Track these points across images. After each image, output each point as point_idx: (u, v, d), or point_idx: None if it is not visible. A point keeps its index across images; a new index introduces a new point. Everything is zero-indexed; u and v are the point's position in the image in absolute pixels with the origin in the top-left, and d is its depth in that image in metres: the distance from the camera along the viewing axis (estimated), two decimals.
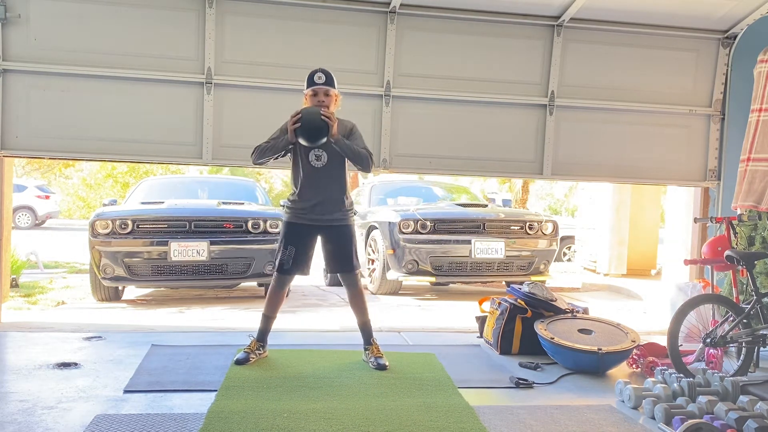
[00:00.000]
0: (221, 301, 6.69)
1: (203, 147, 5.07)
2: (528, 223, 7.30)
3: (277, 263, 3.94)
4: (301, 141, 3.75)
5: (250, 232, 6.36)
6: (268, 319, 3.99)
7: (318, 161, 3.84)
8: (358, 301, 3.98)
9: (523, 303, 4.47)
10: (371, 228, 7.50)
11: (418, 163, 5.44)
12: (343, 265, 3.96)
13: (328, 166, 3.86)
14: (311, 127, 3.70)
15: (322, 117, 3.70)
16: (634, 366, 4.12)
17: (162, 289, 7.14)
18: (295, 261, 3.88)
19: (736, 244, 4.55)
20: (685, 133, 5.74)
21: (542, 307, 4.45)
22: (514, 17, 5.35)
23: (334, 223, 3.91)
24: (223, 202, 6.93)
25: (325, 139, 3.73)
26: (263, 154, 3.88)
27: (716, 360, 3.97)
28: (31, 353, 4.05)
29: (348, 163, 3.94)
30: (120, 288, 6.53)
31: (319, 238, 3.98)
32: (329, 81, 3.90)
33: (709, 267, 4.57)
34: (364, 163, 3.87)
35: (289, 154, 3.93)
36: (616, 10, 5.32)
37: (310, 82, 3.90)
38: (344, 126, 3.90)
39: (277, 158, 3.93)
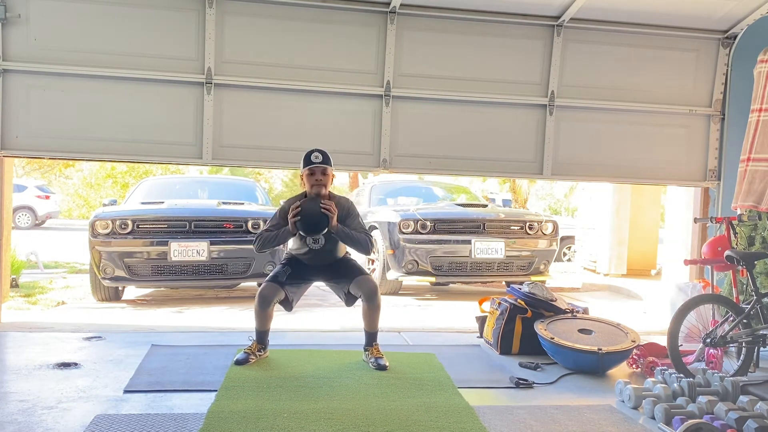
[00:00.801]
0: (221, 301, 6.69)
1: (203, 147, 5.07)
2: (528, 223, 7.31)
3: (272, 273, 4.03)
4: (302, 233, 3.86)
5: (250, 232, 6.36)
6: (262, 332, 3.99)
7: (316, 244, 3.95)
8: (373, 314, 3.98)
9: (523, 303, 4.47)
10: (371, 228, 7.50)
11: (418, 163, 5.44)
12: (350, 275, 3.98)
13: (326, 247, 3.97)
14: (311, 220, 3.81)
15: (322, 210, 3.77)
16: (634, 366, 4.12)
17: (162, 289, 7.14)
18: (289, 279, 3.96)
19: (736, 244, 4.54)
20: (685, 133, 5.74)
21: (542, 307, 4.45)
22: (514, 17, 5.35)
23: (334, 261, 4.04)
24: (223, 202, 6.93)
25: (325, 230, 3.83)
26: (266, 245, 3.96)
27: (716, 360, 3.97)
28: (31, 353, 4.05)
29: None
30: (120, 288, 6.53)
31: (322, 283, 4.14)
32: (326, 160, 3.95)
33: (709, 267, 4.57)
34: (364, 248, 3.96)
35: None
36: (616, 10, 5.32)
37: (307, 161, 3.94)
38: (341, 207, 3.96)
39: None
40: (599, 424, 3.04)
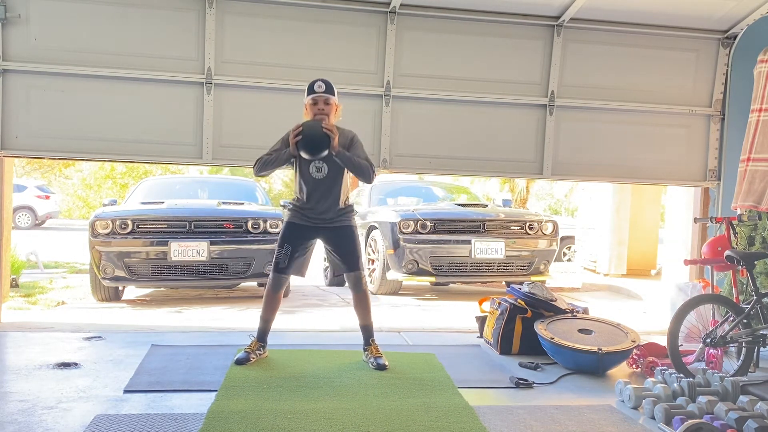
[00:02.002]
0: (221, 301, 6.69)
1: (203, 147, 5.07)
2: (528, 223, 7.30)
3: (273, 262, 3.97)
4: (303, 154, 3.79)
5: (250, 232, 6.36)
6: (266, 321, 4.00)
7: (319, 173, 3.87)
8: (363, 305, 3.98)
9: (523, 303, 4.47)
10: (371, 228, 7.50)
11: (418, 163, 5.44)
12: (349, 264, 3.96)
13: (329, 176, 3.88)
14: (312, 140, 3.73)
15: (324, 130, 3.72)
16: (634, 366, 4.12)
17: (162, 289, 7.14)
18: (291, 260, 3.90)
19: (736, 244, 4.54)
20: (685, 133, 5.74)
21: (542, 307, 4.45)
22: (514, 17, 5.35)
23: (336, 224, 3.92)
24: (223, 202, 6.93)
25: (326, 152, 3.76)
26: (265, 166, 3.91)
27: (716, 360, 3.97)
28: (31, 353, 4.05)
29: (348, 172, 3.96)
30: (120, 288, 6.52)
31: (320, 243, 4.00)
32: (329, 89, 3.92)
33: (709, 267, 4.57)
34: (366, 174, 3.90)
35: (289, 164, 3.97)
36: (615, 10, 5.32)
37: (310, 90, 3.92)
38: (345, 136, 3.91)
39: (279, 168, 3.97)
40: (599, 424, 3.04)
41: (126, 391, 3.34)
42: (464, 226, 7.10)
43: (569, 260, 12.51)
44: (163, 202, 6.79)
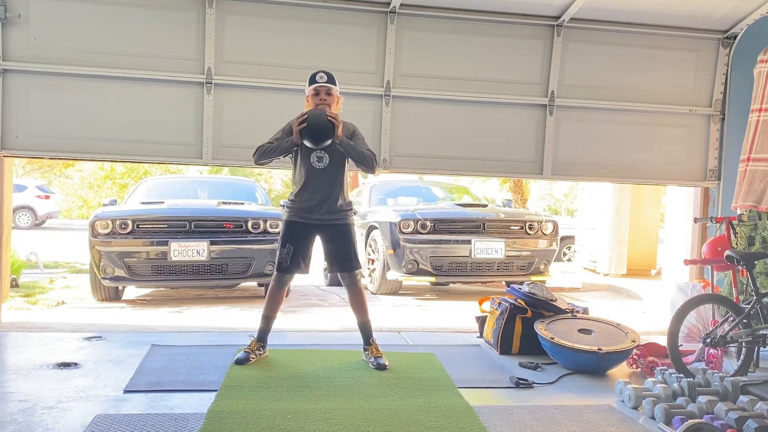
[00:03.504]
0: (221, 301, 6.69)
1: (203, 147, 5.07)
2: (528, 223, 7.30)
3: (276, 262, 3.97)
4: (306, 143, 3.76)
5: (250, 232, 6.36)
6: (268, 319, 4.00)
7: (320, 163, 3.85)
8: (358, 302, 3.98)
9: (523, 303, 4.47)
10: (371, 228, 7.50)
11: (418, 163, 5.44)
12: (343, 264, 3.96)
13: (330, 167, 3.86)
14: (317, 128, 3.70)
15: (328, 118, 3.70)
16: (634, 366, 4.12)
17: (162, 289, 7.14)
18: (293, 260, 3.89)
19: (736, 244, 4.55)
20: (685, 133, 5.74)
21: (542, 307, 4.45)
22: (514, 17, 5.35)
23: (334, 222, 3.91)
24: (223, 202, 6.93)
25: (330, 141, 3.74)
26: (265, 154, 3.88)
27: (716, 360, 3.97)
28: (31, 353, 4.05)
29: (348, 164, 3.94)
30: (120, 288, 6.52)
31: (318, 239, 3.99)
32: (331, 80, 3.92)
33: (709, 267, 4.57)
34: (368, 164, 3.88)
35: (290, 155, 3.94)
36: (616, 10, 5.32)
37: (312, 81, 3.92)
38: (347, 128, 3.91)
39: (278, 159, 3.94)
40: (599, 424, 3.04)
41: (126, 391, 3.34)
42: (464, 226, 7.10)
43: (569, 260, 12.52)
44: (163, 202, 6.79)
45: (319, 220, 3.89)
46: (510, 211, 8.00)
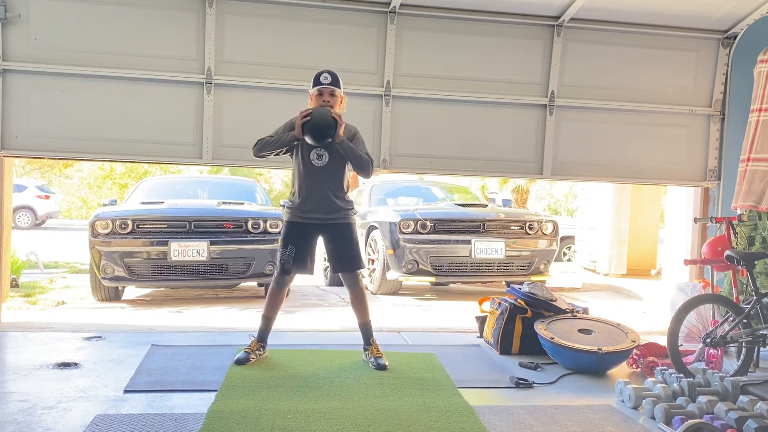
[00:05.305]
0: (221, 301, 6.69)
1: (203, 147, 5.07)
2: (528, 223, 7.30)
3: (278, 263, 3.96)
4: (308, 138, 3.76)
5: (250, 232, 6.36)
6: (268, 319, 4.00)
7: (319, 160, 3.85)
8: (360, 302, 3.98)
9: (523, 303, 4.47)
10: (371, 228, 7.50)
11: (418, 163, 5.44)
12: (345, 264, 3.95)
13: (329, 165, 3.86)
14: (320, 124, 3.72)
15: (332, 116, 3.72)
16: (634, 366, 4.12)
17: (162, 289, 7.14)
18: (295, 260, 3.88)
19: (736, 244, 4.55)
20: (685, 133, 5.74)
21: (542, 307, 4.45)
22: (514, 17, 5.35)
23: (335, 221, 3.91)
24: (223, 202, 6.93)
25: (330, 139, 3.74)
26: (266, 146, 3.89)
27: (716, 360, 3.97)
28: (31, 353, 4.05)
29: (348, 164, 3.94)
30: (120, 288, 6.52)
31: (320, 238, 3.98)
32: (335, 81, 3.93)
33: (709, 267, 4.57)
34: (365, 167, 3.89)
35: (289, 153, 3.94)
36: (616, 10, 5.32)
37: (316, 81, 3.93)
38: (348, 130, 3.92)
39: (278, 154, 3.94)
40: (599, 424, 3.04)
41: (126, 391, 3.34)
42: (464, 226, 7.10)
43: (569, 260, 12.52)
44: (163, 202, 6.79)
45: (319, 220, 3.89)
46: (510, 211, 8.00)
